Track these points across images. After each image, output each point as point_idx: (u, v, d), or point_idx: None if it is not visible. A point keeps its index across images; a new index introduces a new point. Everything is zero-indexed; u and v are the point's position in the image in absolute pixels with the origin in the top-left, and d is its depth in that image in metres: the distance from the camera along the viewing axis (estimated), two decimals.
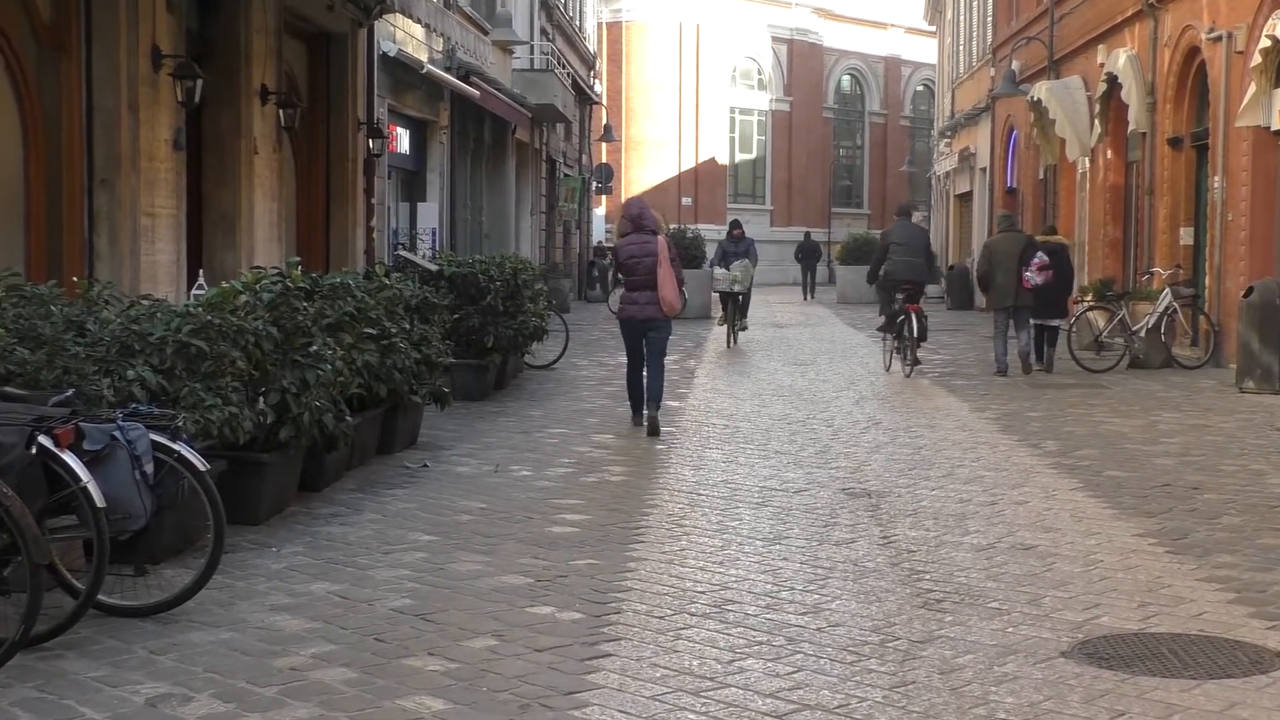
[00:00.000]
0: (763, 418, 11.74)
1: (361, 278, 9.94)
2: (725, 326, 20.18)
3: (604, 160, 43.42)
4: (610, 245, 43.60)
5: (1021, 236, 16.00)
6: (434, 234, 19.41)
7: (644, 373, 11.02)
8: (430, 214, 19.72)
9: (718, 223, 49.15)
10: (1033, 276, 15.59)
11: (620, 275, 11.08)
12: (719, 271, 19.85)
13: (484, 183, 24.59)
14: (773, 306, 33.29)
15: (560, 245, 34.46)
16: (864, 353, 18.97)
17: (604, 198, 46.20)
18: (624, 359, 12.29)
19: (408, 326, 9.81)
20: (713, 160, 50.19)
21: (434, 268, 13.30)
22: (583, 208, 34.97)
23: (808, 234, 43.95)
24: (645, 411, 10.81)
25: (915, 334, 15.33)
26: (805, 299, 38.51)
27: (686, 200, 49.84)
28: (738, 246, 20.12)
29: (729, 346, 19.24)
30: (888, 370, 16.01)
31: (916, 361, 15.32)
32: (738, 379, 15.19)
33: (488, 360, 13.00)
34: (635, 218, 11.13)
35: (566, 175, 34.44)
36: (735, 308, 19.84)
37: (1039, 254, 15.63)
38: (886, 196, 56.34)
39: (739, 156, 52.24)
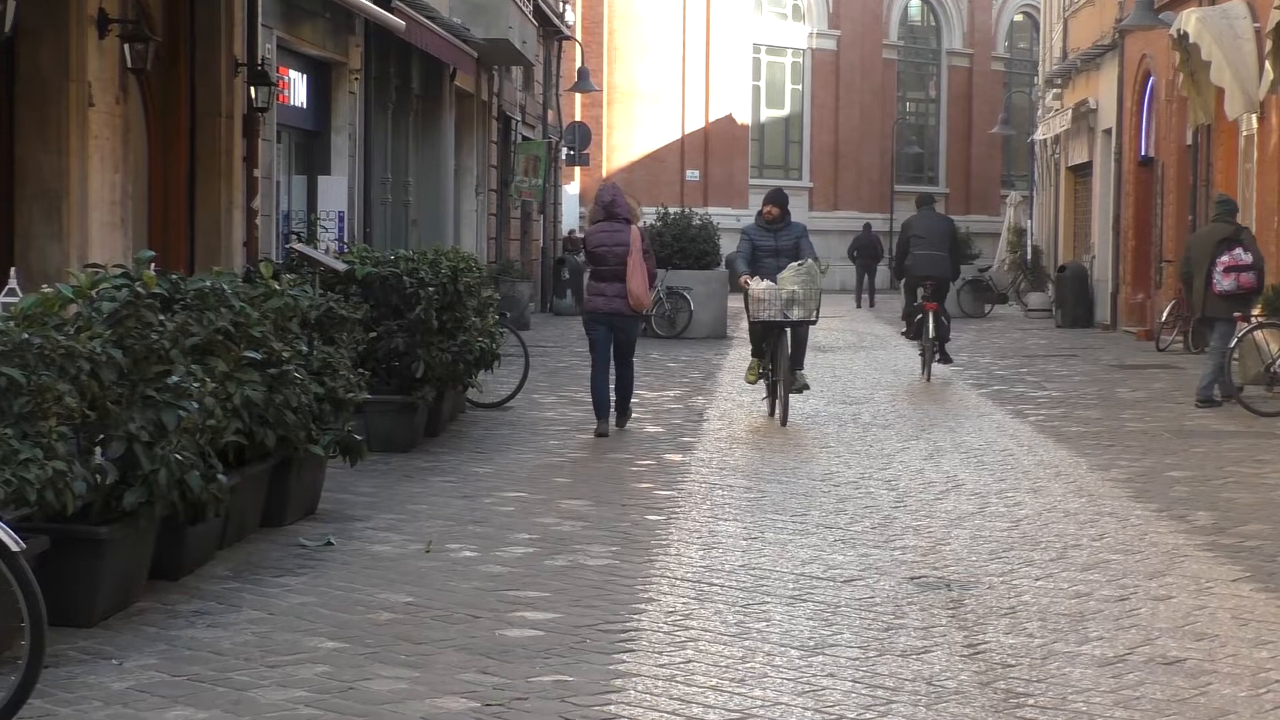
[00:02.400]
0: (799, 477, 11.74)
1: (241, 280, 9.92)
2: (764, 383, 15.49)
3: (578, 118, 43.56)
4: (579, 236, 43.83)
5: (1223, 227, 16.43)
6: (341, 219, 19.42)
7: (610, 376, 14.04)
8: (336, 192, 19.73)
9: (736, 205, 49.40)
10: (1220, 279, 16.01)
11: (589, 266, 14.08)
12: (758, 286, 14.82)
13: (411, 149, 24.64)
14: None
15: (517, 236, 34.50)
16: (938, 386, 19.00)
17: (578, 170, 46.31)
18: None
19: (305, 349, 9.79)
20: (729, 119, 50.41)
21: (342, 267, 13.30)
22: (547, 183, 35.06)
23: (868, 225, 44.12)
24: (613, 420, 13.91)
25: (932, 335, 19.20)
26: (859, 307, 38.64)
27: (692, 174, 50.05)
28: (779, 238, 15.33)
29: (774, 419, 14.90)
30: (926, 380, 19.46)
31: (945, 358, 19.66)
32: (763, 422, 15.20)
33: (416, 396, 12.99)
34: (608, 204, 14.04)
35: (526, 139, 34.53)
36: (785, 351, 14.85)
37: (1235, 249, 16.00)
38: (971, 169, 56.65)
39: (765, 113, 52.49)
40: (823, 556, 8.74)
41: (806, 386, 15.80)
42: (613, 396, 14.15)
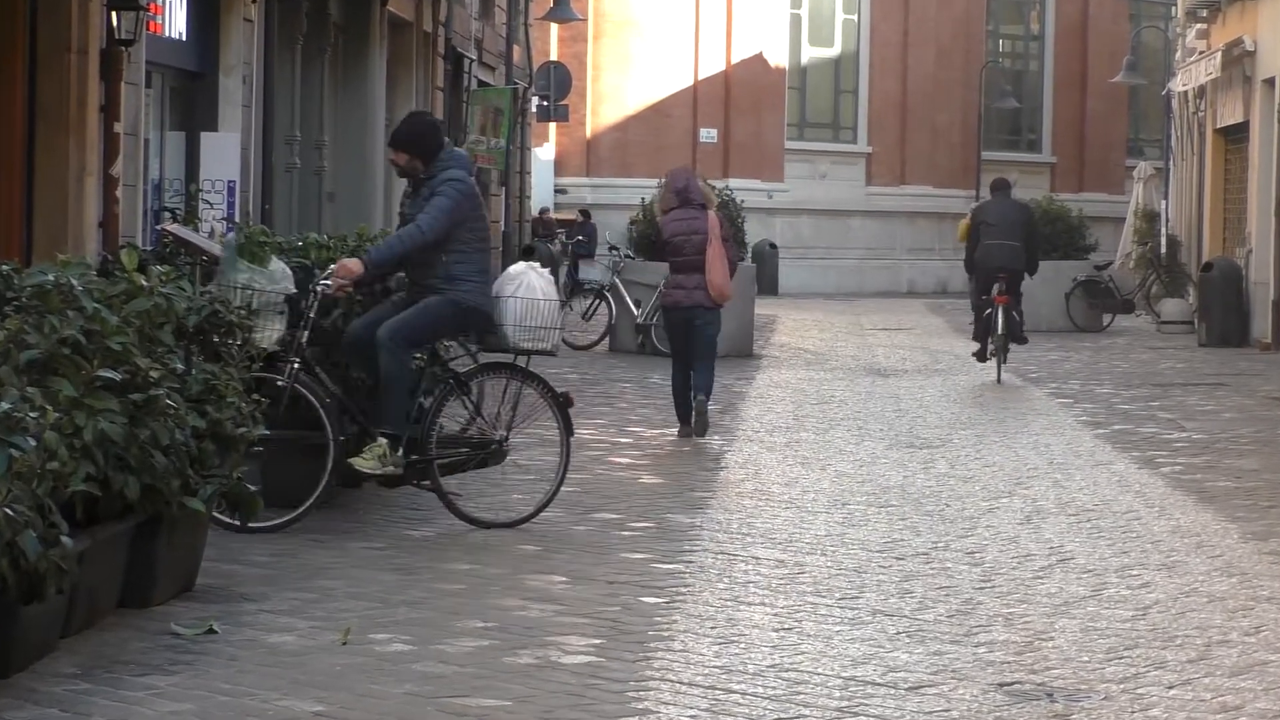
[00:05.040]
0: (849, 546, 11.75)
1: (95, 273, 9.91)
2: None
3: (554, 58, 43.53)
4: (554, 216, 43.81)
5: None
6: (232, 192, 19.40)
7: (692, 374, 17.11)
8: (225, 154, 19.71)
9: (767, 176, 49.45)
10: None
11: (667, 257, 17.50)
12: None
13: (327, 98, 24.63)
14: (868, 337, 33.32)
15: None
16: (1042, 423, 18.98)
17: (553, 127, 46.23)
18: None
19: (180, 368, 9.78)
20: (758, 61, 50.42)
21: None
22: (512, 145, 35.06)
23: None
24: (693, 412, 16.93)
25: (1001, 331, 22.88)
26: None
27: (708, 134, 50.08)
28: (418, 201, 12.48)
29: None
30: (996, 382, 23.22)
31: (1019, 338, 23.55)
32: (802, 473, 15.21)
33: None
34: (681, 190, 17.28)
35: (484, 85, 34.52)
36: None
37: None
38: (1086, 131, 56.60)
39: (808, 53, 52.49)
40: (881, 654, 8.72)
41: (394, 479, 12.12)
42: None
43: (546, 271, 12.80)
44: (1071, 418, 19.62)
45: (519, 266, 12.69)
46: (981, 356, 23.84)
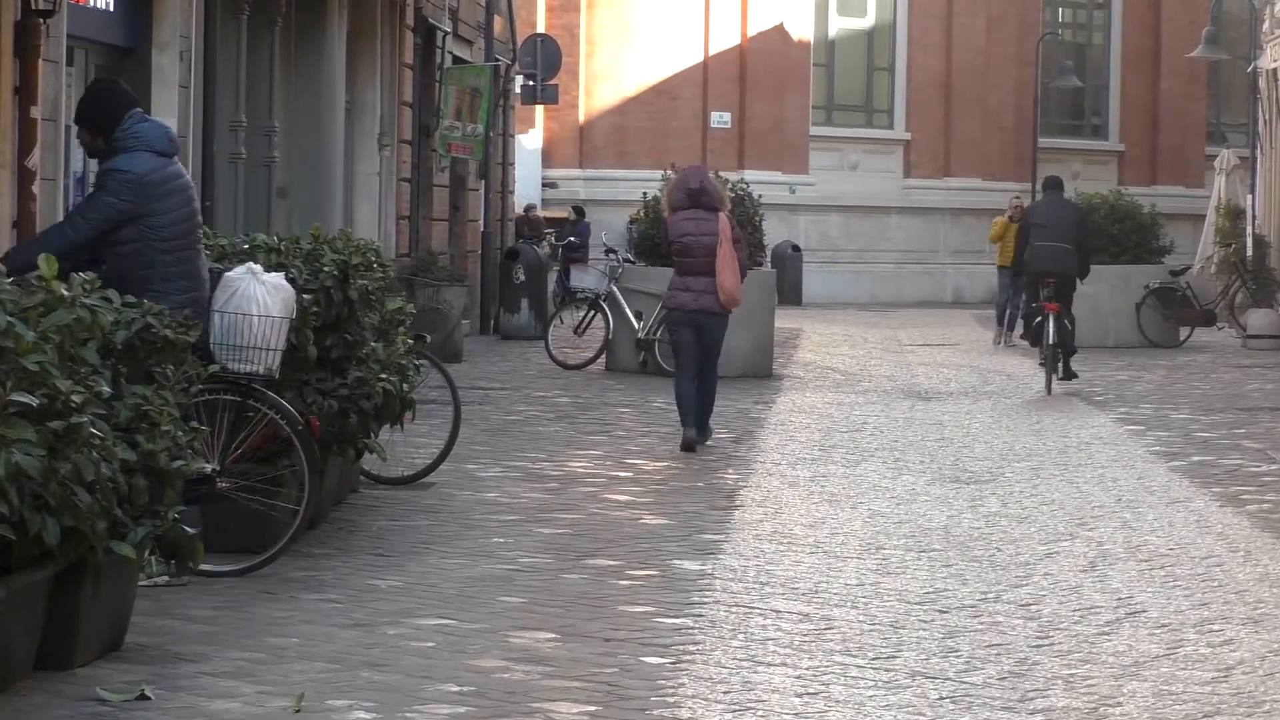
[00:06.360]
0: (884, 597, 11.77)
1: (8, 282, 9.92)
2: None
3: (541, 30, 43.58)
4: (542, 214, 43.82)
5: None
6: None
7: (696, 379, 18.57)
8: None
9: (790, 168, 49.50)
10: None
11: (674, 259, 19.02)
12: None
13: (278, 77, 24.64)
14: (906, 355, 33.30)
15: (444, 215, 34.45)
16: (1108, 454, 18.98)
17: (540, 111, 46.27)
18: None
19: (108, 391, 9.79)
20: (779, 33, 50.49)
21: None
22: (493, 132, 35.12)
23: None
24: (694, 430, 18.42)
25: (1053, 340, 24.57)
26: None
27: (720, 118, 50.12)
28: None
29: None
30: (1046, 393, 24.85)
31: (1068, 373, 25.17)
32: (830, 512, 15.22)
33: (283, 466, 12.95)
34: (695, 191, 18.62)
35: (460, 62, 34.53)
36: None
37: None
38: (1159, 114, 56.62)
39: (837, 25, 52.57)
40: None
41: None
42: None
43: (276, 278, 12.27)
44: (1143, 448, 19.61)
45: (238, 271, 12.21)
46: (1034, 340, 26.59)
